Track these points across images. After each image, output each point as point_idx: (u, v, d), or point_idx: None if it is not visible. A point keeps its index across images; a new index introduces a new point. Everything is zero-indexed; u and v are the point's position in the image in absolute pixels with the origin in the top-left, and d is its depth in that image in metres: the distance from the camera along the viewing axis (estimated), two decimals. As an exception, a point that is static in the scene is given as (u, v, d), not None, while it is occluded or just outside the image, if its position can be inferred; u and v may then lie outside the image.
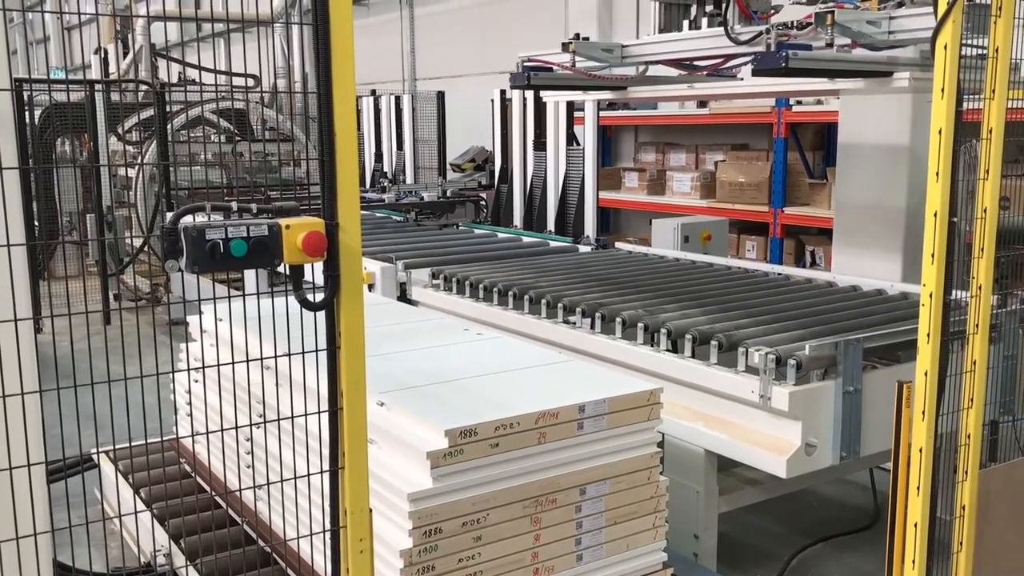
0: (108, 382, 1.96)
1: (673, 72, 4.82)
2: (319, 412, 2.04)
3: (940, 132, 2.48)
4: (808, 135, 8.62)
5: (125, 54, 10.44)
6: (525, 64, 4.88)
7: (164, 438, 3.87)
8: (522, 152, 8.71)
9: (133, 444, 3.80)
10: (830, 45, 3.46)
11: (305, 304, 1.96)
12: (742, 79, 4.58)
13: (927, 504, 2.64)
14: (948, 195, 2.49)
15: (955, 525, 2.80)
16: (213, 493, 3.47)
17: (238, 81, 9.28)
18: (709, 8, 4.34)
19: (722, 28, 4.03)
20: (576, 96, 6.84)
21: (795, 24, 3.53)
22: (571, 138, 8.42)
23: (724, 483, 3.71)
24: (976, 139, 2.65)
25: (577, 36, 4.69)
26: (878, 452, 3.45)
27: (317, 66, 1.89)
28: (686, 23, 4.54)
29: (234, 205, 1.89)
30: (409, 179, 10.51)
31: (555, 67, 4.76)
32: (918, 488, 2.63)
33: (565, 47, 4.66)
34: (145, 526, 3.43)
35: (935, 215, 2.50)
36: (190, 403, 3.77)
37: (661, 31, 4.70)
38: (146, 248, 8.77)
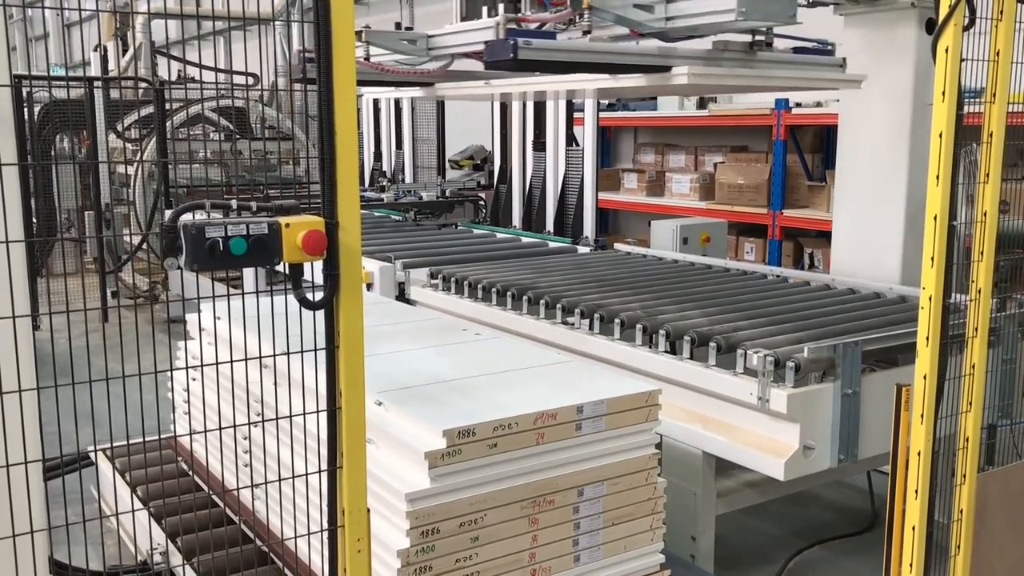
0: (106, 380, 1.96)
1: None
2: (317, 411, 2.03)
3: (940, 136, 2.48)
4: (807, 137, 8.63)
5: (124, 51, 10.43)
6: (305, 56, 4.13)
7: (162, 436, 3.86)
8: (521, 152, 8.71)
9: (131, 442, 3.79)
10: (587, 33, 3.03)
11: (304, 303, 1.95)
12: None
13: (925, 507, 2.64)
14: (948, 198, 2.49)
15: (953, 528, 2.80)
16: (210, 492, 3.47)
17: (238, 79, 9.28)
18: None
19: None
20: (378, 92, 6.15)
21: (536, 7, 3.04)
22: (570, 139, 8.42)
23: (722, 485, 3.70)
24: (976, 143, 2.65)
25: (367, 27, 4.11)
26: (876, 455, 3.45)
27: (318, 64, 1.89)
28: (485, 10, 3.92)
29: (234, 203, 1.88)
30: (408, 179, 10.50)
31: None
32: (916, 491, 2.63)
33: (358, 36, 3.97)
34: (142, 524, 3.42)
35: (935, 218, 2.50)
36: (188, 401, 3.76)
37: (463, 19, 4.18)
38: (144, 246, 8.76)
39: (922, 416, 2.59)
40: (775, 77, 3.05)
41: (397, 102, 10.85)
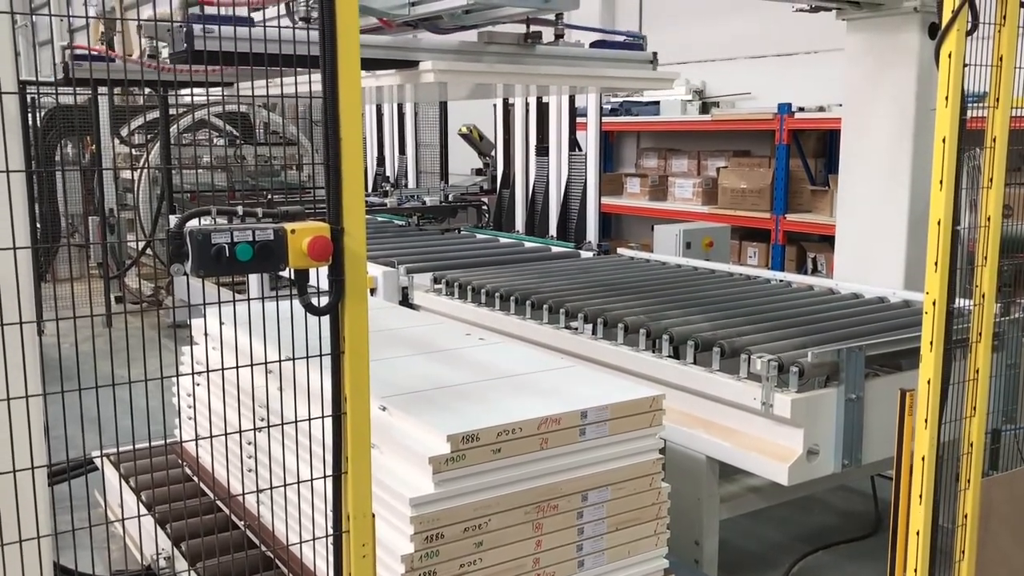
0: (112, 385, 1.96)
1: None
2: (322, 416, 2.04)
3: (944, 140, 2.48)
4: (810, 142, 8.63)
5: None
6: (75, 55, 3.65)
7: (167, 441, 3.87)
8: (524, 157, 8.71)
9: (136, 447, 3.79)
10: (306, 20, 2.57)
11: (310, 308, 1.96)
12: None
13: (929, 512, 2.64)
14: (952, 203, 2.49)
15: (957, 534, 2.80)
16: (215, 497, 3.47)
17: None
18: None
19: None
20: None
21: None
22: (573, 143, 8.42)
23: (726, 490, 3.70)
24: (979, 148, 2.65)
25: None
26: (880, 460, 3.45)
27: (323, 72, 1.89)
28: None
29: (240, 209, 1.89)
30: (411, 184, 10.51)
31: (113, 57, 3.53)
32: (920, 496, 2.63)
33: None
34: (146, 530, 3.43)
35: (939, 223, 2.50)
36: (192, 406, 3.77)
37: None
38: (148, 251, 8.77)
39: (926, 421, 2.59)
40: (553, 76, 2.58)
41: (400, 107, 10.87)
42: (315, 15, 2.07)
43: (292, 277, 1.97)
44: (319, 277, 1.98)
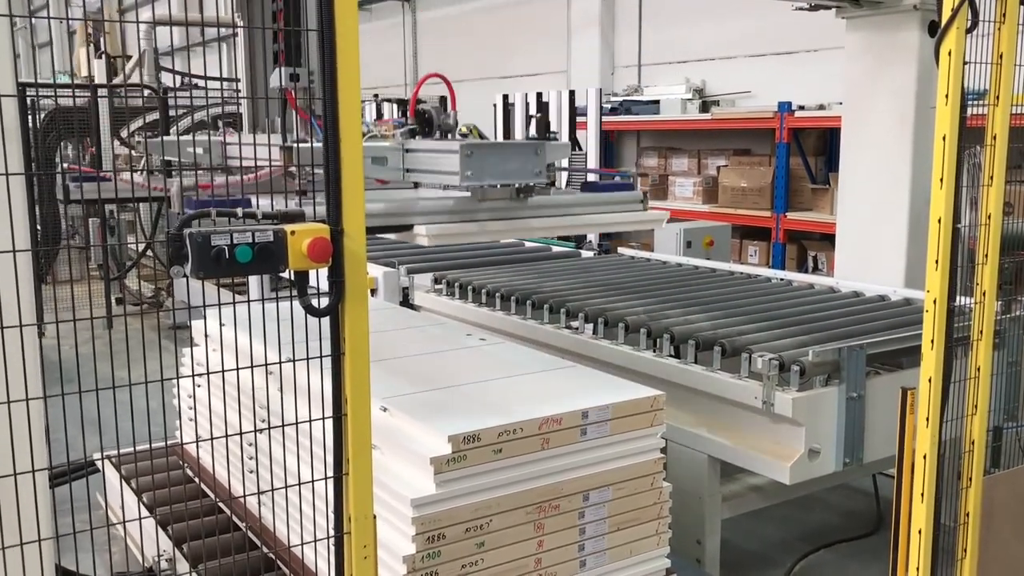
0: (113, 388, 1.96)
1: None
2: (323, 418, 2.04)
3: (944, 138, 2.48)
4: (811, 140, 8.62)
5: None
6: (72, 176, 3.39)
7: (168, 443, 3.87)
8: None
9: (136, 449, 3.79)
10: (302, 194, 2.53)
11: (310, 310, 1.96)
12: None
13: (931, 511, 2.63)
14: (952, 201, 2.49)
15: (959, 532, 2.79)
16: (216, 498, 3.47)
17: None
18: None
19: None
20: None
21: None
22: (573, 143, 8.42)
23: (727, 489, 3.70)
24: (980, 145, 2.65)
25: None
26: (881, 458, 3.45)
27: (322, 73, 1.89)
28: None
29: (239, 211, 1.89)
30: (411, 184, 10.51)
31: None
32: (922, 495, 2.62)
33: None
34: (148, 531, 3.43)
35: (939, 221, 2.50)
36: (193, 408, 3.77)
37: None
38: (148, 252, 8.77)
39: (927, 419, 2.59)
40: (545, 228, 2.63)
41: (401, 105, 10.86)
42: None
43: (292, 278, 1.97)
44: (319, 278, 1.98)
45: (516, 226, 2.46)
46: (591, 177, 4.95)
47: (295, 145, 2.13)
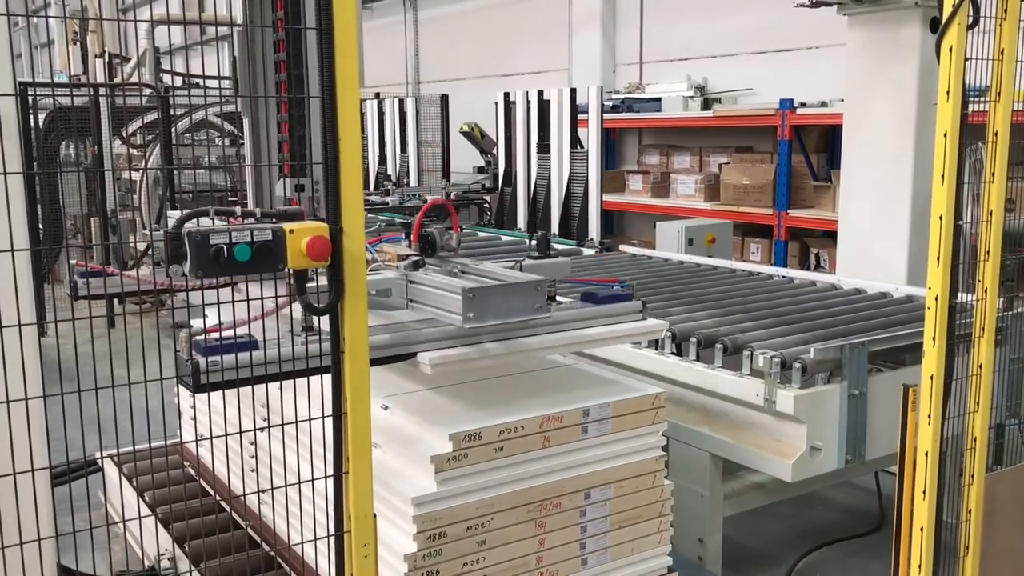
0: (112, 387, 1.96)
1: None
2: (323, 417, 2.03)
3: (946, 135, 2.47)
4: (812, 137, 8.61)
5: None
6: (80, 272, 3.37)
7: (168, 442, 3.87)
8: (526, 155, 8.70)
9: (137, 448, 3.79)
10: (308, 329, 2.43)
11: (309, 308, 1.96)
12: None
13: (933, 508, 2.63)
14: (954, 198, 2.48)
15: (961, 529, 2.79)
16: (217, 497, 3.47)
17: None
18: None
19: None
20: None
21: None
22: (575, 141, 8.41)
23: (729, 487, 3.70)
24: (981, 142, 2.64)
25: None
26: (883, 456, 3.44)
27: (321, 71, 1.89)
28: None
29: (238, 210, 1.88)
30: (413, 182, 10.50)
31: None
32: (924, 492, 2.62)
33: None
34: (149, 530, 3.43)
35: (941, 218, 2.49)
36: (194, 406, 3.77)
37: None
38: (150, 251, 8.75)
39: (929, 416, 2.58)
40: (543, 346, 2.66)
41: (401, 105, 10.86)
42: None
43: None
44: (318, 276, 1.98)
45: (516, 346, 2.59)
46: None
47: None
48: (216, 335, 2.09)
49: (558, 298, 2.81)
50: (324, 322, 2.02)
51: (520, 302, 2.40)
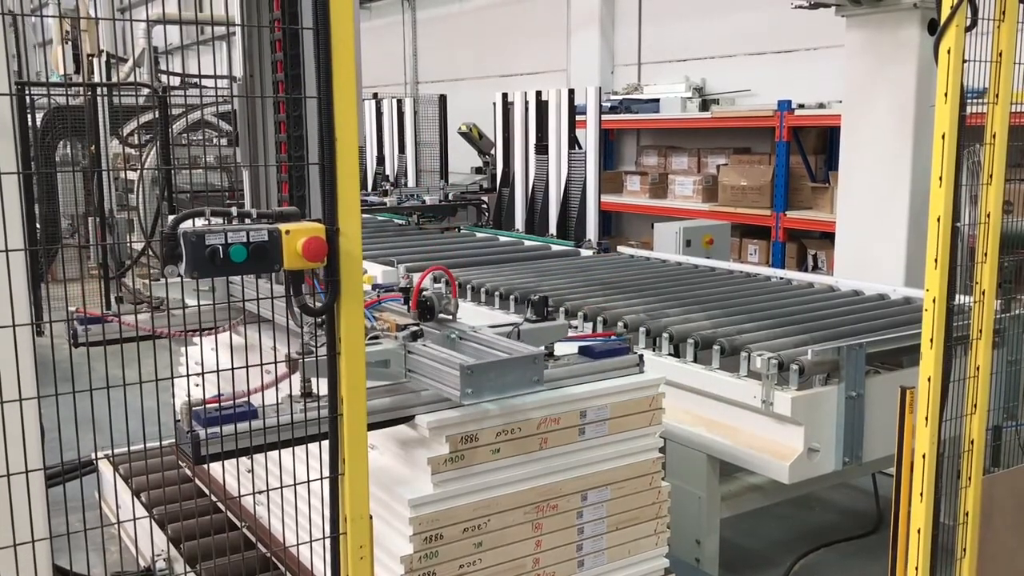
0: (107, 388, 1.95)
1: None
2: (319, 419, 2.03)
3: (944, 137, 2.47)
4: (810, 139, 8.61)
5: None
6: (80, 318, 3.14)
7: (164, 443, 3.86)
8: (524, 155, 8.69)
9: (133, 449, 3.78)
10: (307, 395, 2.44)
11: (305, 309, 1.95)
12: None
13: (930, 510, 2.62)
14: (951, 200, 2.48)
15: (959, 531, 2.78)
16: (213, 498, 3.46)
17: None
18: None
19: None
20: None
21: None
22: (573, 141, 8.40)
23: (726, 488, 3.69)
24: (979, 144, 2.63)
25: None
26: (881, 457, 3.44)
27: (317, 68, 1.88)
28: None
29: (234, 210, 1.88)
30: (411, 182, 10.50)
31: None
32: (921, 494, 2.61)
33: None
34: (145, 531, 3.42)
35: (938, 220, 2.49)
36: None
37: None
38: (148, 251, 8.75)
39: (927, 418, 2.58)
40: (539, 405, 2.63)
41: (399, 106, 10.86)
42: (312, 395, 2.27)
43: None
44: (316, 276, 1.97)
45: (515, 407, 2.58)
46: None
47: (302, 359, 2.18)
48: (215, 406, 2.10)
49: (556, 351, 2.84)
50: (323, 385, 2.03)
51: (517, 376, 2.43)
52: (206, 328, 2.68)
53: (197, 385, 3.59)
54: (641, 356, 2.89)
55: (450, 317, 2.81)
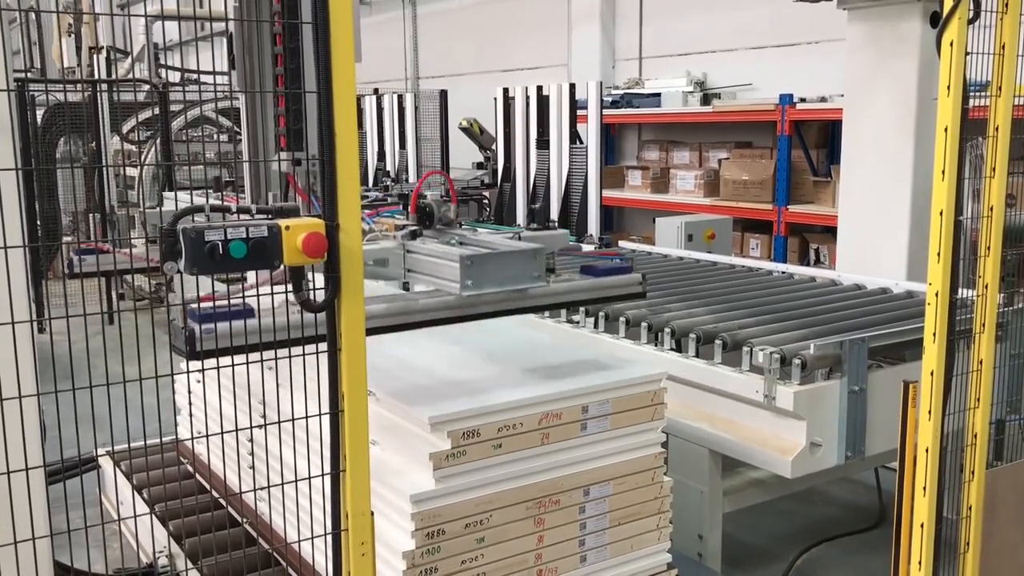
0: (107, 384, 1.95)
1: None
2: (320, 415, 2.02)
3: (946, 130, 2.46)
4: (812, 132, 8.60)
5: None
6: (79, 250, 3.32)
7: (166, 439, 3.86)
8: (525, 150, 8.68)
9: (135, 445, 3.78)
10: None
11: (305, 306, 1.94)
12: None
13: (933, 504, 2.62)
14: (954, 193, 2.47)
15: (962, 525, 2.78)
16: (215, 494, 3.46)
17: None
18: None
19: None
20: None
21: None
22: (574, 136, 8.39)
23: (728, 483, 3.69)
24: (982, 137, 2.62)
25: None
26: (883, 452, 3.43)
27: (317, 63, 1.87)
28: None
29: (233, 206, 1.87)
30: (412, 178, 10.48)
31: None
32: (924, 488, 2.61)
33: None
34: (147, 527, 3.42)
35: (941, 213, 2.48)
36: (190, 403, 3.75)
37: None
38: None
39: (929, 412, 2.57)
40: (545, 402, 2.62)
41: (400, 101, 10.84)
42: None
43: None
44: (314, 273, 1.97)
45: (515, 402, 2.57)
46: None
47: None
48: (210, 304, 2.06)
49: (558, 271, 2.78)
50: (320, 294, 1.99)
51: (518, 270, 2.38)
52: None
53: (198, 382, 3.59)
54: (644, 275, 2.85)
55: (450, 224, 2.77)
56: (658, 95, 10.01)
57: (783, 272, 4.99)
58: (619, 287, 2.77)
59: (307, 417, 2.12)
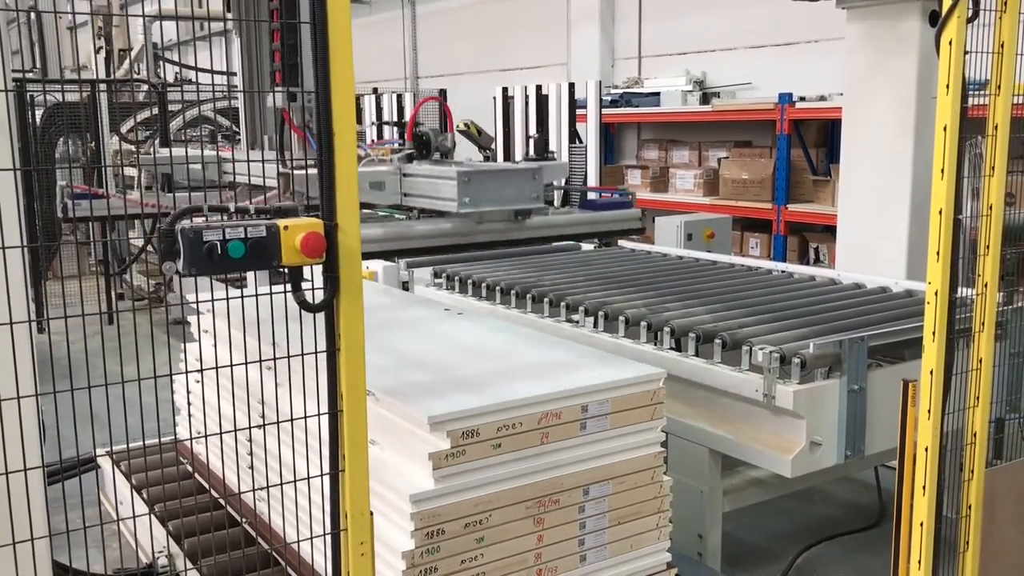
0: (105, 384, 1.95)
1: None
2: (319, 414, 2.02)
3: (945, 129, 2.45)
4: (812, 132, 8.60)
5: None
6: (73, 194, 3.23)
7: (165, 439, 3.86)
8: (524, 150, 8.69)
9: (134, 446, 3.78)
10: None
11: (304, 306, 1.94)
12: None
13: (933, 503, 2.62)
14: (953, 192, 2.47)
15: (961, 524, 2.78)
16: (214, 494, 3.46)
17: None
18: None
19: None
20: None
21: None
22: (573, 135, 8.39)
23: (728, 482, 3.69)
24: (981, 135, 2.62)
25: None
26: (883, 451, 3.43)
27: (315, 66, 1.87)
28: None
29: (232, 206, 1.87)
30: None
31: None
32: (924, 487, 2.61)
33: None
34: (146, 527, 3.42)
35: (940, 212, 2.48)
36: (189, 403, 3.75)
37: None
38: (148, 247, 8.76)
39: (929, 411, 2.57)
40: (544, 401, 2.61)
41: (399, 99, 10.84)
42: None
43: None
44: (313, 273, 1.96)
45: (515, 401, 2.54)
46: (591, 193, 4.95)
47: (292, 172, 2.13)
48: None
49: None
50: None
51: (516, 189, 2.35)
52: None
53: (197, 381, 3.59)
54: (644, 211, 2.84)
55: (447, 153, 2.74)
56: (657, 94, 10.02)
57: (782, 271, 4.99)
58: (619, 221, 2.74)
59: (306, 417, 2.11)
